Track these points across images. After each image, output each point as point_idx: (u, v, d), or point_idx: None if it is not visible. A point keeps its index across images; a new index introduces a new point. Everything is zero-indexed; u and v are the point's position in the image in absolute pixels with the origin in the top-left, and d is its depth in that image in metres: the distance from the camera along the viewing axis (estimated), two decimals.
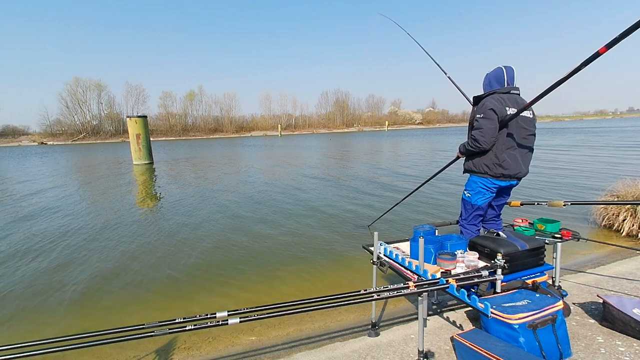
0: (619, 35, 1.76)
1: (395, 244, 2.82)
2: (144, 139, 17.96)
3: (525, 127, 2.53)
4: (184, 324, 1.59)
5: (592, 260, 3.78)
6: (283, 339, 2.67)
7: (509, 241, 2.25)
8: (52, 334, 2.86)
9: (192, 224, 6.05)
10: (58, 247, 5.06)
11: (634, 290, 2.68)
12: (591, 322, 2.23)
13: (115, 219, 6.56)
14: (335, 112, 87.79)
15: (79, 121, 66.08)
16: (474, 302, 1.82)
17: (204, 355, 2.54)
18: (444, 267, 2.16)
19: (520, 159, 2.56)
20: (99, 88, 68.01)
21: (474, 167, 2.66)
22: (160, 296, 3.52)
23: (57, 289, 3.71)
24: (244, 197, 8.29)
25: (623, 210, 4.65)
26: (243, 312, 1.66)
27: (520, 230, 2.80)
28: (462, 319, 2.40)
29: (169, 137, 66.13)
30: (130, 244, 5.10)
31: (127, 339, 1.56)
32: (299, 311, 1.71)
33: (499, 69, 2.57)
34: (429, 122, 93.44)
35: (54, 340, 1.54)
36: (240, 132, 74.55)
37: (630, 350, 1.90)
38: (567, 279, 2.99)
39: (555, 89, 2.13)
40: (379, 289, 1.86)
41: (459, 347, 1.89)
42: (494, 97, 2.50)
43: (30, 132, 65.30)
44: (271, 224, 5.83)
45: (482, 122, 2.49)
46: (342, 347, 2.20)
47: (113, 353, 2.58)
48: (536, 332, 1.77)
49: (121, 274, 4.06)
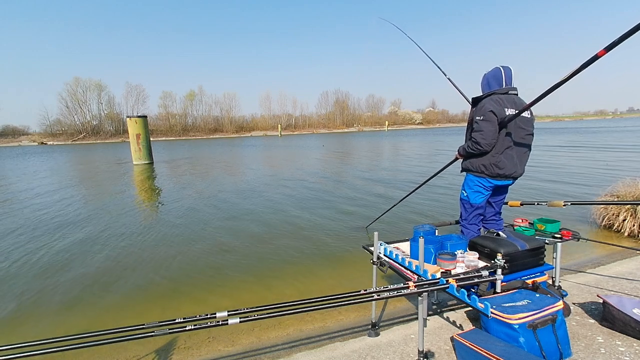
0: (618, 39, 1.77)
1: (395, 244, 2.83)
2: (144, 139, 17.97)
3: (523, 127, 2.54)
4: (184, 324, 1.59)
5: (592, 260, 3.78)
6: (283, 339, 2.67)
7: (509, 241, 2.25)
8: (52, 334, 2.86)
9: (191, 224, 6.05)
10: (58, 246, 5.07)
11: (634, 290, 2.68)
12: (591, 322, 2.23)
13: (115, 219, 6.56)
14: (335, 112, 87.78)
15: (79, 121, 66.22)
16: (474, 302, 1.82)
17: (204, 355, 2.54)
18: (444, 267, 2.16)
19: (517, 158, 2.57)
20: (99, 88, 68.15)
21: (471, 166, 2.67)
22: (160, 296, 3.52)
23: (57, 289, 3.71)
24: (243, 197, 8.29)
25: (623, 210, 4.65)
26: (243, 312, 1.67)
27: (520, 230, 2.80)
28: (462, 319, 2.40)
29: (169, 137, 66.11)
30: (130, 244, 5.10)
31: (127, 339, 1.57)
32: (299, 311, 1.71)
33: (497, 69, 2.56)
34: (429, 122, 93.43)
35: (54, 340, 1.54)
36: (240, 132, 74.52)
37: (630, 350, 1.90)
38: (567, 279, 2.99)
39: (555, 90, 2.13)
40: (379, 289, 1.86)
41: (459, 347, 1.89)
42: (492, 98, 2.50)
43: (30, 132, 65.32)
44: (270, 224, 5.83)
45: (482, 125, 2.49)
46: (342, 347, 2.20)
47: (113, 353, 2.57)
48: (536, 332, 1.77)
49: (121, 274, 4.07)
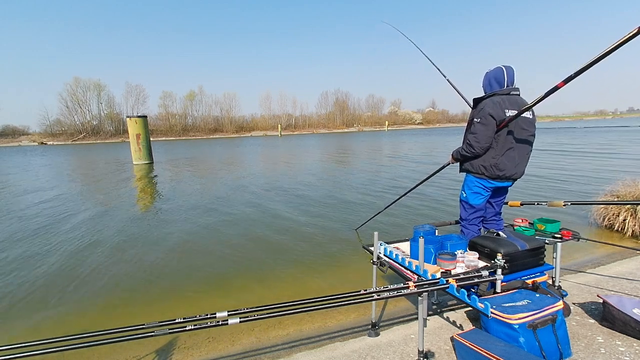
0: (574, 73, 1.99)
1: (395, 244, 2.83)
2: (144, 139, 17.98)
3: (525, 128, 2.53)
4: (184, 324, 1.59)
5: (592, 260, 3.78)
6: (283, 339, 2.67)
7: (509, 241, 2.25)
8: (52, 334, 2.86)
9: (191, 224, 6.05)
10: (57, 247, 5.06)
11: (634, 290, 2.68)
12: (591, 322, 2.23)
13: (115, 219, 6.56)
14: (335, 112, 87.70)
15: (79, 121, 66.11)
16: (474, 302, 1.82)
17: (204, 355, 2.54)
18: (444, 267, 2.16)
19: (518, 160, 2.56)
20: (98, 88, 68.02)
21: (470, 167, 2.66)
22: (160, 296, 3.52)
23: (58, 289, 3.72)
24: (242, 197, 8.29)
25: (623, 210, 4.65)
26: (243, 312, 1.66)
27: (520, 230, 2.80)
28: (462, 319, 2.40)
29: (169, 137, 66.08)
30: (130, 244, 5.10)
31: (127, 339, 1.56)
32: (299, 311, 1.71)
33: (499, 68, 2.54)
34: (429, 122, 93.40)
35: (54, 340, 1.54)
36: (240, 132, 74.47)
37: (630, 350, 1.90)
38: (567, 279, 2.99)
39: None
40: (379, 289, 1.86)
41: (459, 347, 1.89)
42: (493, 99, 2.48)
43: (30, 132, 65.23)
44: (269, 225, 5.83)
45: (477, 127, 2.48)
46: (342, 347, 2.20)
47: (113, 353, 2.57)
48: (536, 332, 1.77)
49: (121, 274, 4.07)
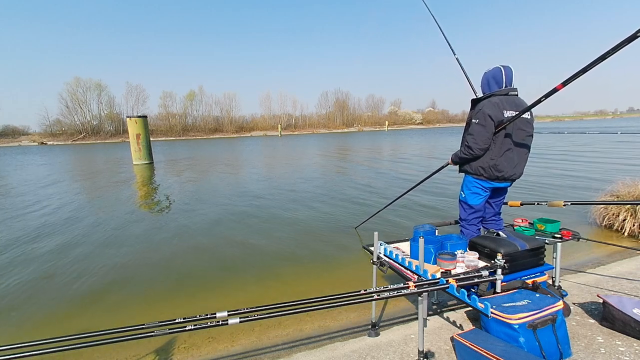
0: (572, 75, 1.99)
1: (395, 244, 2.83)
2: (144, 139, 17.96)
3: (523, 128, 2.53)
4: (184, 324, 1.59)
5: (592, 260, 3.78)
6: (283, 339, 2.67)
7: (509, 241, 2.25)
8: (52, 334, 2.86)
9: (191, 224, 6.05)
10: (58, 247, 5.07)
11: (634, 290, 2.68)
12: (591, 322, 2.23)
13: (115, 219, 6.56)
14: (335, 112, 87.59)
15: (79, 121, 65.96)
16: (474, 302, 1.82)
17: (204, 355, 2.54)
18: (444, 267, 2.16)
19: (517, 160, 2.56)
20: (99, 88, 67.92)
21: (469, 168, 2.66)
22: (160, 296, 3.52)
23: (58, 289, 3.71)
24: (241, 197, 8.29)
25: (623, 210, 4.65)
26: (243, 312, 1.66)
27: (520, 230, 2.80)
28: (462, 319, 2.40)
29: (169, 137, 66.01)
30: (130, 244, 5.10)
31: (127, 339, 1.56)
32: (299, 311, 1.71)
33: (497, 68, 2.54)
34: (429, 122, 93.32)
35: (54, 340, 1.54)
36: (240, 132, 74.39)
37: (630, 350, 1.90)
38: (567, 279, 2.99)
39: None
40: (379, 289, 1.86)
41: (459, 347, 1.89)
42: (491, 100, 2.48)
43: (30, 132, 65.13)
44: (269, 225, 5.83)
45: (475, 128, 2.48)
46: (342, 347, 2.20)
47: (113, 353, 2.57)
48: (536, 332, 1.77)
49: (120, 274, 4.07)
